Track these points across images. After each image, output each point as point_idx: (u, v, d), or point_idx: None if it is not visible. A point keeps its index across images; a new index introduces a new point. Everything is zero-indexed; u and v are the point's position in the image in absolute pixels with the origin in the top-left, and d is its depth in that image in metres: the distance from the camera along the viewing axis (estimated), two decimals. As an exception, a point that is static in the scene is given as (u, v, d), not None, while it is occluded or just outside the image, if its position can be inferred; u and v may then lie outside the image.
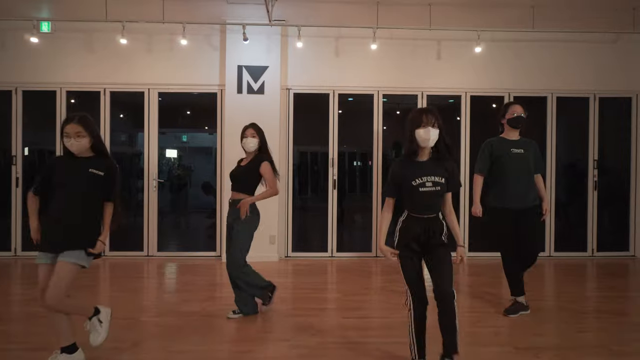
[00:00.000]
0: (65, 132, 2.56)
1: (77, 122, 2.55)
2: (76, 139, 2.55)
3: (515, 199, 3.51)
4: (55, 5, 5.18)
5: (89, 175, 2.59)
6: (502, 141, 3.62)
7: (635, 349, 2.97)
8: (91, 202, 2.65)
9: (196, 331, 3.22)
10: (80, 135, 2.55)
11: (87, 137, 2.58)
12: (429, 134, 2.42)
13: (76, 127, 2.55)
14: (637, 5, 5.07)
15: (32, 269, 4.97)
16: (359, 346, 2.98)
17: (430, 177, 2.45)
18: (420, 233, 2.47)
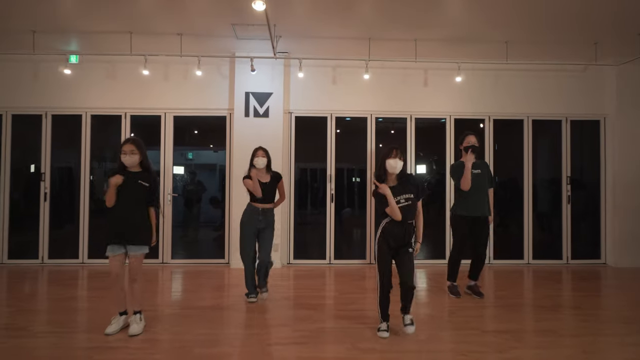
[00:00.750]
0: (123, 150, 3.33)
1: (132, 143, 3.37)
2: (130, 155, 3.33)
3: (474, 209, 4.48)
4: (84, 41, 5.85)
5: (137, 185, 3.36)
6: (462, 164, 4.53)
7: (578, 332, 3.55)
8: (141, 206, 3.42)
9: (211, 320, 3.79)
10: (134, 153, 3.33)
11: (138, 155, 3.37)
12: (397, 163, 3.36)
13: (131, 146, 3.35)
14: (597, 40, 5.76)
15: (57, 275, 5.56)
16: (353, 331, 3.54)
17: (403, 195, 3.37)
18: (399, 234, 3.35)
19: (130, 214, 3.40)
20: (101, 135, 6.43)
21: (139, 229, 3.44)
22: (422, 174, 6.72)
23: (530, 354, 3.13)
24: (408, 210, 3.37)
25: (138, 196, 3.43)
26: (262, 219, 4.36)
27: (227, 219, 6.37)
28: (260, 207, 4.36)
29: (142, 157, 3.47)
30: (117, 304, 3.57)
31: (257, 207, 4.35)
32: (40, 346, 3.22)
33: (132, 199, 3.40)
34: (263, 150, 4.39)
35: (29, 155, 6.35)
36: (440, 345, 3.28)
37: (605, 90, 6.66)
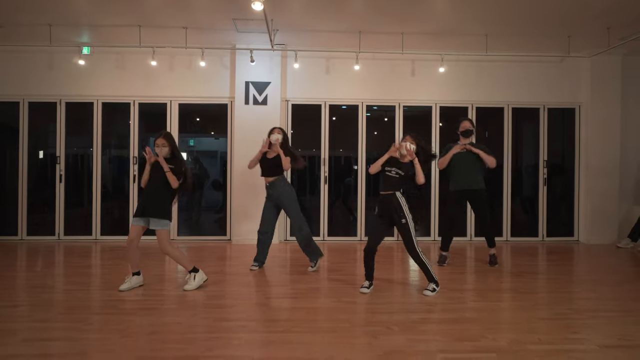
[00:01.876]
0: (155, 143, 3.98)
1: (162, 137, 4.01)
2: (161, 148, 3.98)
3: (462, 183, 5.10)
4: (96, 34, 6.32)
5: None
6: (449, 146, 5.16)
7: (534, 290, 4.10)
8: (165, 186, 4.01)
9: (219, 282, 4.34)
10: (164, 146, 4.00)
11: (168, 147, 4.02)
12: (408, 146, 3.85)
13: (162, 140, 3.99)
14: (571, 34, 6.23)
15: (73, 249, 6.10)
16: (341, 288, 4.09)
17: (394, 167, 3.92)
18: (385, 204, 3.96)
19: (155, 192, 3.97)
20: (111, 121, 6.93)
21: (158, 204, 3.96)
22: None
23: (489, 305, 3.67)
24: (391, 181, 3.87)
25: (164, 178, 3.96)
26: (272, 192, 4.83)
27: (228, 202, 6.90)
28: (265, 181, 4.88)
29: (172, 147, 4.04)
30: (131, 265, 4.09)
31: (266, 184, 4.88)
32: (70, 299, 3.76)
33: (158, 180, 3.97)
34: (279, 128, 4.89)
35: (45, 140, 6.86)
36: (409, 299, 3.83)
37: (580, 80, 7.15)
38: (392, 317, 3.34)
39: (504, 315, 3.45)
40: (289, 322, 3.22)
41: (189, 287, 4.02)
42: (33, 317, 3.31)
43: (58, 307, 3.54)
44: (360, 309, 3.56)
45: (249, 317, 3.37)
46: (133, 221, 4.02)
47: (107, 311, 3.47)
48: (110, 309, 3.51)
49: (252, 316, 3.39)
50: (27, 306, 3.58)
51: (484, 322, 3.25)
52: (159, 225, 3.98)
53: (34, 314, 3.39)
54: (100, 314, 3.40)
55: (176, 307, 3.57)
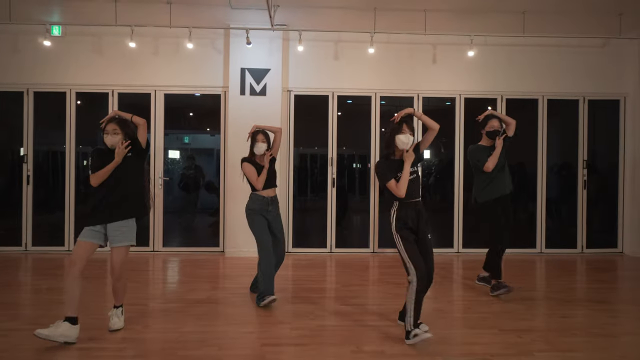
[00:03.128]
0: (105, 130, 3.07)
1: (115, 122, 3.09)
2: (112, 136, 3.06)
3: (500, 188, 4.12)
4: (66, 10, 5.41)
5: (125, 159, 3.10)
6: (479, 148, 4.17)
7: (609, 331, 3.19)
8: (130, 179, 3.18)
9: (203, 315, 3.44)
10: (116, 133, 3.06)
11: (121, 135, 3.07)
12: (408, 138, 2.92)
13: (114, 125, 3.07)
14: (623, 11, 5.30)
15: (41, 262, 5.21)
16: (358, 330, 3.19)
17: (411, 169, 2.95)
18: (412, 216, 2.95)
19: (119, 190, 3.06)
20: (87, 114, 6.01)
21: (127, 199, 3.09)
22: (428, 158, 6.34)
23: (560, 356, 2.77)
24: (415, 185, 2.97)
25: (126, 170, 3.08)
26: (272, 209, 3.89)
27: (221, 208, 5.98)
28: (267, 195, 3.89)
29: (125, 137, 3.08)
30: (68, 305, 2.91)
31: (265, 197, 3.87)
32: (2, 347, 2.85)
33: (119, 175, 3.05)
34: (263, 134, 3.91)
35: (10, 136, 5.94)
36: (454, 348, 2.92)
37: (625, 67, 6.22)
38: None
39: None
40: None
41: (120, 325, 3.14)
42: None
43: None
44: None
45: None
46: (84, 236, 3.00)
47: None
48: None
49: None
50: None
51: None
52: (126, 238, 3.06)
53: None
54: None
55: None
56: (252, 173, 3.82)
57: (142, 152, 3.18)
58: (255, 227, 3.80)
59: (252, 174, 3.81)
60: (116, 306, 3.19)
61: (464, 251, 6.06)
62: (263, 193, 3.85)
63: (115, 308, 3.19)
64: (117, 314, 3.17)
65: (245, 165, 3.85)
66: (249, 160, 3.88)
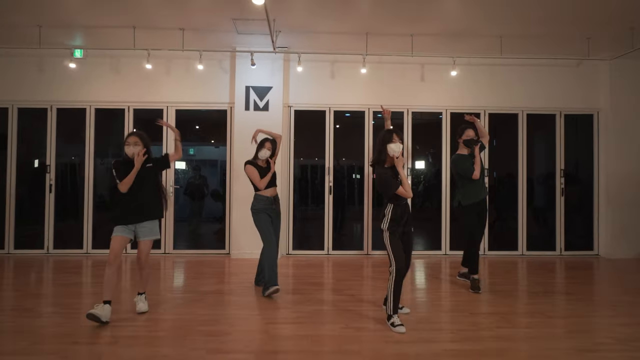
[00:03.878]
0: (127, 141, 3.57)
1: (135, 135, 3.60)
2: (134, 146, 3.56)
3: (478, 193, 4.64)
4: (88, 36, 6.00)
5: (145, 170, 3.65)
6: (462, 157, 4.70)
7: (563, 314, 3.69)
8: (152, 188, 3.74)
9: (214, 303, 3.94)
10: (137, 144, 3.58)
11: (141, 147, 3.59)
12: (399, 147, 3.32)
13: (135, 138, 3.59)
14: (590, 35, 5.88)
15: (62, 264, 5.72)
16: (348, 313, 3.69)
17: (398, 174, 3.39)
18: (403, 216, 3.42)
19: (143, 195, 3.59)
20: (105, 128, 6.58)
21: (150, 205, 3.63)
22: (420, 168, 6.86)
23: (519, 333, 3.26)
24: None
25: (148, 179, 3.62)
26: (275, 207, 4.42)
27: (227, 214, 6.51)
28: (270, 195, 4.40)
29: (145, 148, 3.61)
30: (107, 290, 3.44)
31: (268, 196, 4.38)
32: (48, 324, 3.37)
33: (142, 183, 3.59)
34: (270, 142, 4.43)
35: (35, 149, 6.51)
36: (430, 325, 3.42)
37: (599, 84, 6.78)
38: (410, 348, 2.94)
39: (538, 346, 3.03)
40: (291, 355, 2.82)
41: (145, 308, 3.70)
42: (4, 348, 2.92)
43: (33, 336, 3.15)
44: (371, 338, 3.15)
45: (246, 347, 2.97)
46: (118, 231, 3.54)
47: (86, 340, 3.07)
48: (90, 338, 3.11)
49: (250, 347, 2.98)
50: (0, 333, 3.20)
51: (514, 355, 2.84)
52: (152, 233, 3.63)
53: (6, 343, 3.00)
54: (79, 344, 3.00)
55: (164, 335, 3.18)
56: (255, 174, 4.32)
57: (165, 167, 3.79)
58: (260, 223, 4.31)
59: (255, 175, 4.32)
60: (140, 293, 3.71)
61: (450, 253, 6.56)
62: (266, 193, 4.37)
63: (139, 294, 3.71)
64: (142, 299, 3.69)
65: (248, 167, 4.33)
66: (251, 163, 4.38)
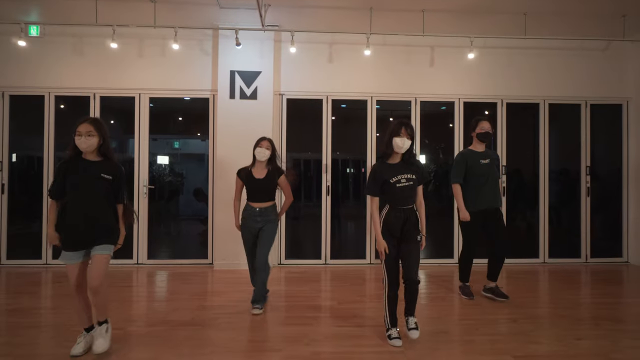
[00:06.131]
0: (77, 131, 2.71)
1: (90, 122, 2.75)
2: (86, 138, 2.72)
3: (483, 201, 4.06)
4: (45, 9, 5.10)
5: (98, 179, 2.76)
6: (472, 153, 4.12)
7: (632, 356, 2.93)
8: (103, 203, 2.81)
9: (186, 341, 3.13)
10: (91, 135, 2.73)
11: (96, 137, 2.75)
12: (404, 143, 2.96)
13: (88, 126, 2.73)
14: (626, 12, 5.12)
15: (16, 277, 4.87)
16: (353, 356, 2.90)
17: (404, 175, 3.02)
18: (400, 222, 3.03)
19: (90, 214, 2.75)
20: (67, 119, 5.67)
21: (101, 229, 2.80)
22: (428, 163, 6.07)
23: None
24: (409, 192, 3.05)
25: (99, 192, 2.78)
26: (260, 220, 3.80)
27: (210, 214, 5.68)
28: (257, 206, 3.78)
29: (102, 140, 2.79)
30: (80, 320, 2.93)
31: (254, 207, 3.78)
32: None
33: (91, 196, 2.75)
34: (268, 141, 3.84)
35: (-16, 142, 5.59)
36: None
37: (628, 70, 6.04)
38: None
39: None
40: None
41: (105, 346, 2.82)
42: None
43: None
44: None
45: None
46: (67, 258, 2.75)
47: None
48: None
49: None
50: None
51: None
52: (102, 251, 2.80)
53: None
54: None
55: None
56: (237, 187, 3.88)
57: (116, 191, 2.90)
58: (242, 238, 3.90)
59: (236, 189, 3.88)
60: (100, 322, 2.89)
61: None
62: (252, 204, 3.80)
63: (99, 324, 2.89)
64: (101, 332, 2.87)
65: (236, 179, 3.87)
66: (242, 172, 3.85)
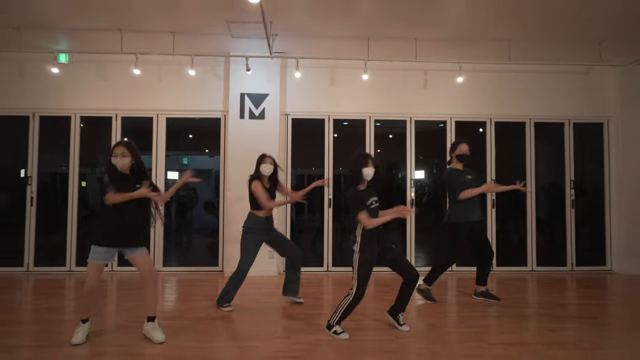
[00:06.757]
0: (114, 152, 3.20)
1: (123, 145, 3.23)
2: (121, 158, 3.20)
3: (473, 213, 4.46)
4: (73, 39, 5.64)
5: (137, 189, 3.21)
6: (458, 171, 4.52)
7: (598, 344, 3.33)
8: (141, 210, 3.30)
9: (204, 332, 3.55)
10: (124, 156, 3.21)
11: (129, 158, 3.24)
12: (371, 171, 3.43)
13: (122, 148, 3.21)
14: (602, 40, 5.61)
15: (44, 283, 5.31)
16: (352, 343, 3.32)
17: (373, 197, 3.47)
18: (374, 237, 3.43)
19: (132, 219, 3.23)
20: (91, 137, 6.20)
21: (139, 232, 3.31)
22: (422, 178, 6.52)
23: (544, 368, 2.91)
24: (377, 211, 3.49)
25: (142, 203, 3.28)
26: (267, 225, 4.23)
27: (220, 228, 6.13)
28: (264, 216, 4.17)
29: (134, 159, 3.30)
30: (83, 311, 3.34)
31: (262, 217, 4.15)
32: None
33: (132, 203, 3.21)
34: (271, 158, 4.24)
35: (15, 159, 6.10)
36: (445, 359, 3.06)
37: (608, 92, 6.51)
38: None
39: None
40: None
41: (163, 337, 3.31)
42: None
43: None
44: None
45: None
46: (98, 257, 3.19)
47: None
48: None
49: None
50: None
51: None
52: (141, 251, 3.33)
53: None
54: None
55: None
56: (263, 192, 4.04)
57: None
58: (247, 244, 4.11)
59: (263, 194, 4.04)
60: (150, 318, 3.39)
61: (458, 270, 6.21)
62: (260, 213, 4.10)
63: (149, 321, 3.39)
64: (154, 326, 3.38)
65: (255, 184, 4.06)
66: (259, 179, 4.10)
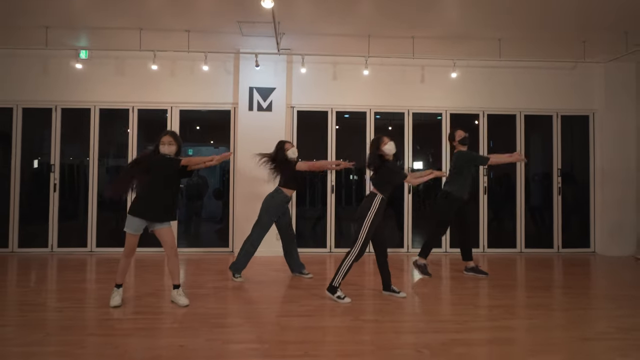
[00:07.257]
0: (162, 141, 3.71)
1: (170, 135, 3.77)
2: (168, 146, 3.72)
3: (469, 188, 5.06)
4: (93, 36, 6.06)
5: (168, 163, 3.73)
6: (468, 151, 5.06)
7: (565, 306, 3.79)
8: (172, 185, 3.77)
9: (224, 297, 4.01)
10: (171, 144, 3.73)
11: (175, 146, 3.76)
12: (392, 144, 3.92)
13: (169, 137, 3.74)
14: (586, 39, 6.04)
15: (66, 262, 5.75)
16: (355, 306, 3.78)
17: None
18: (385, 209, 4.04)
19: (161, 194, 3.67)
20: (109, 128, 6.64)
21: (167, 209, 3.71)
22: (419, 168, 6.96)
23: (524, 324, 3.37)
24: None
25: (169, 175, 3.69)
26: (287, 206, 4.83)
27: (230, 212, 6.59)
28: (290, 195, 4.76)
29: (179, 148, 3.79)
30: (119, 276, 3.80)
31: (289, 196, 4.73)
32: (61, 318, 3.42)
33: (162, 178, 3.67)
34: (290, 143, 4.82)
35: (39, 148, 6.55)
36: (437, 317, 3.52)
37: (594, 86, 6.95)
38: (419, 339, 3.03)
39: (543, 336, 3.13)
40: (305, 345, 2.91)
41: (187, 301, 3.77)
42: (20, 340, 2.98)
43: (48, 328, 3.21)
44: (382, 329, 3.24)
45: (259, 338, 3.04)
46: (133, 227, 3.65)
47: (102, 332, 3.14)
48: (105, 330, 3.18)
49: (263, 337, 3.06)
50: (14, 327, 3.25)
51: (522, 344, 2.94)
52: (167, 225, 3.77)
53: (22, 335, 3.06)
54: (95, 335, 3.07)
55: (176, 327, 3.25)
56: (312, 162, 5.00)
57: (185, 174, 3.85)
58: (264, 221, 4.66)
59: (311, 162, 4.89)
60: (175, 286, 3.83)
61: (451, 251, 6.67)
62: (289, 192, 4.70)
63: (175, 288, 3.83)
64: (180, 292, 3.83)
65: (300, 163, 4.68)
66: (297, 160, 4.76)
